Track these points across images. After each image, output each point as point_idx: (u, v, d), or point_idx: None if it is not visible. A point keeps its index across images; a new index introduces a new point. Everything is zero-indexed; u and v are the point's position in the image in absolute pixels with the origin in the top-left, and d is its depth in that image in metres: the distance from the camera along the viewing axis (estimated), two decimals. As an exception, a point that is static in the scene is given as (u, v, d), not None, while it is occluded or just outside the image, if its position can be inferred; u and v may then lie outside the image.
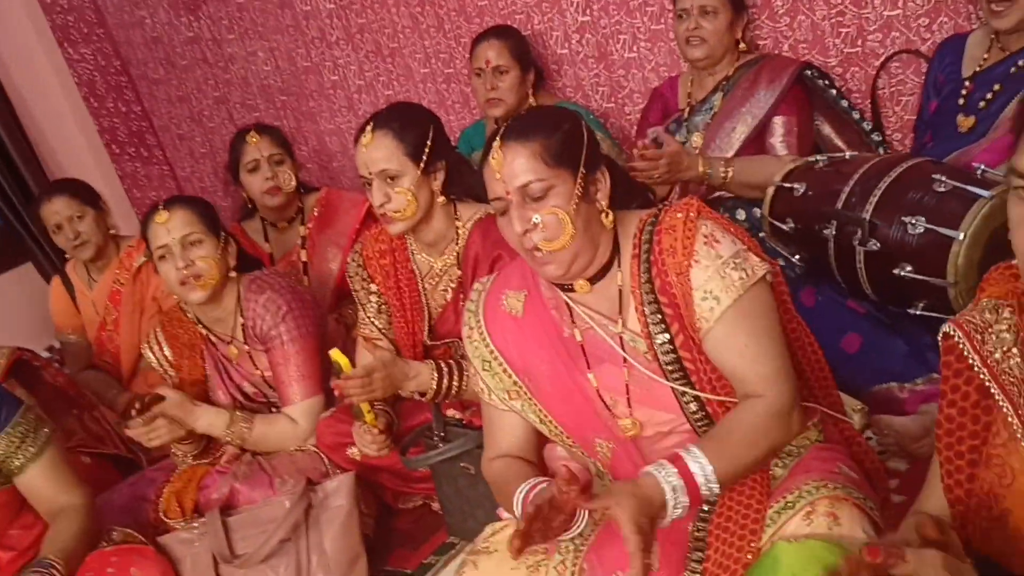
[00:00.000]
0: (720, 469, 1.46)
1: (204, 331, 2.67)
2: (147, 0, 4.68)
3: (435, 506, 2.56)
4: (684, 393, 1.62)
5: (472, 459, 2.25)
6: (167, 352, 2.72)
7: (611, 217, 1.65)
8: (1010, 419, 1.16)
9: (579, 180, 1.59)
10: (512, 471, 1.73)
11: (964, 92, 2.57)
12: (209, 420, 2.53)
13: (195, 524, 2.37)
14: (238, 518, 2.34)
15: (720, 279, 1.56)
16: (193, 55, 4.70)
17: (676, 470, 1.44)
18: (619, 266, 1.67)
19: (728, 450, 1.49)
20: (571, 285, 1.67)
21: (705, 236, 1.59)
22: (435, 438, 2.33)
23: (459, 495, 2.34)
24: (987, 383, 1.19)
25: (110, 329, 3.46)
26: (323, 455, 2.54)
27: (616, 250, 1.67)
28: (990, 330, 1.20)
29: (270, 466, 2.51)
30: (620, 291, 1.66)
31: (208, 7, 4.49)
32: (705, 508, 1.56)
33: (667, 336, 1.61)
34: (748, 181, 2.71)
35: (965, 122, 2.54)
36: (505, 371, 1.75)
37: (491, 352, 1.76)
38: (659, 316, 1.61)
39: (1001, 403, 1.17)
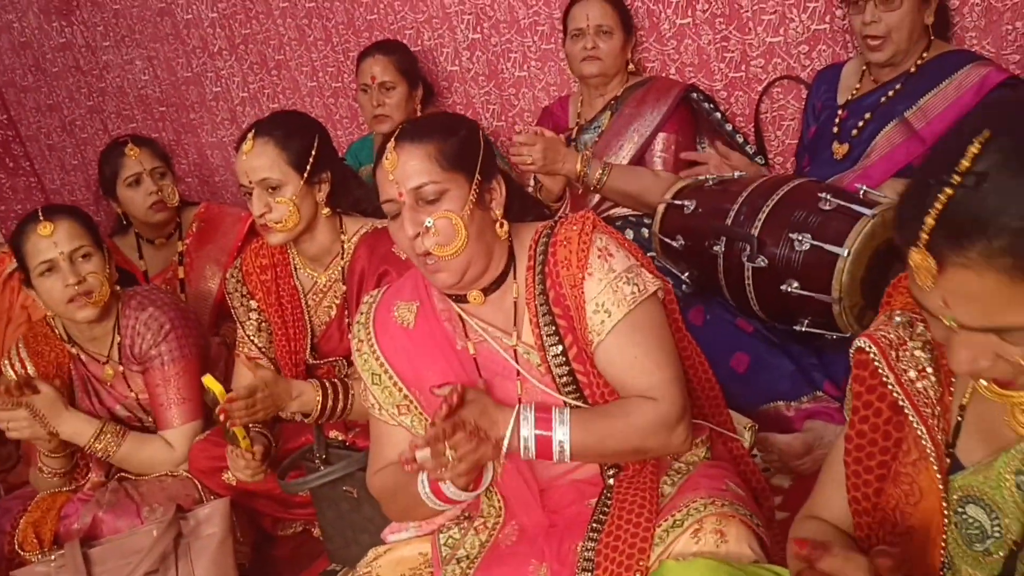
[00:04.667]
0: (579, 443, 1.51)
1: (75, 350, 2.50)
2: (15, 3, 4.45)
3: (316, 532, 2.47)
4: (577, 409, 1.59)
5: (355, 482, 2.17)
6: (30, 369, 2.54)
7: (506, 227, 1.62)
8: (923, 441, 1.14)
9: (474, 186, 1.56)
10: (404, 471, 1.66)
11: (838, 120, 2.66)
12: (77, 427, 2.38)
13: (53, 556, 2.20)
14: (101, 549, 2.19)
15: (612, 292, 1.56)
16: (65, 62, 4.49)
17: (537, 427, 1.50)
18: (514, 278, 1.64)
19: (598, 431, 1.52)
20: (464, 296, 1.64)
21: (599, 250, 1.59)
22: (316, 461, 2.24)
23: (341, 520, 2.25)
24: (901, 402, 1.16)
25: (-29, 338, 3.22)
26: (196, 480, 2.42)
27: (511, 262, 1.65)
28: (904, 347, 1.18)
29: (138, 493, 2.37)
30: (515, 303, 1.64)
31: (82, 12, 4.30)
32: (595, 527, 1.54)
33: (560, 348, 1.59)
34: (622, 188, 2.75)
35: (839, 149, 2.63)
36: (395, 384, 1.69)
37: (381, 365, 1.70)
38: (553, 328, 1.60)
39: (915, 424, 1.15)
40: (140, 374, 2.47)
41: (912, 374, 1.16)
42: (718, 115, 2.94)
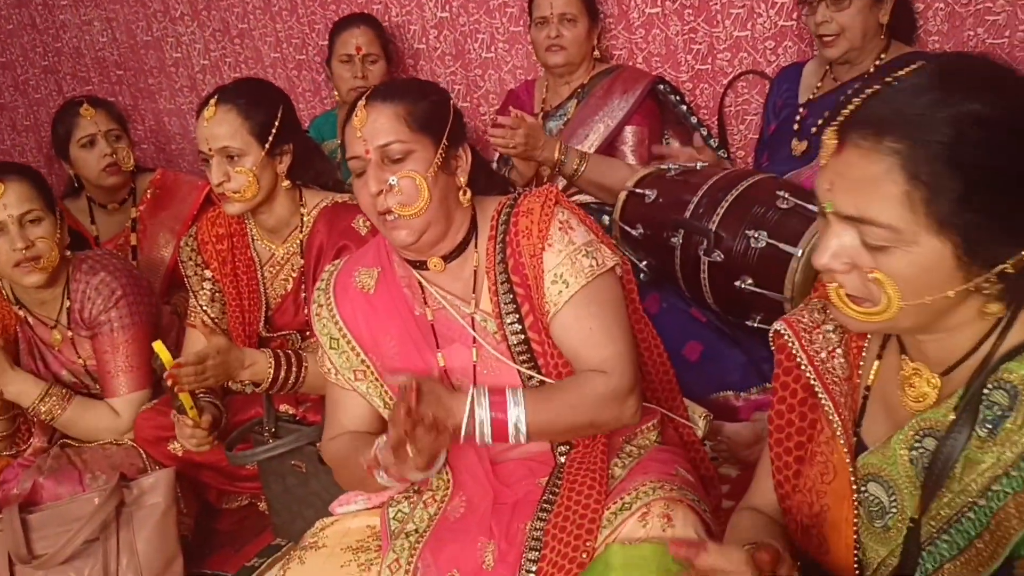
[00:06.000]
0: (535, 422, 1.51)
1: (23, 313, 2.45)
2: (-31, -45, 4.33)
3: (262, 506, 2.45)
4: (530, 377, 1.62)
5: (304, 457, 2.15)
6: (-27, 329, 2.49)
7: (469, 195, 1.64)
8: (831, 417, 1.20)
9: (440, 150, 1.58)
10: (359, 439, 1.68)
11: (799, 118, 2.69)
12: (22, 387, 2.35)
13: (-10, 521, 2.17)
14: (40, 515, 2.15)
15: (571, 264, 1.58)
16: (20, 19, 4.37)
17: (492, 410, 1.49)
18: (475, 247, 1.66)
19: (552, 407, 1.53)
20: (425, 263, 1.65)
21: (561, 222, 1.61)
22: (265, 434, 2.22)
23: (288, 494, 2.23)
24: (812, 382, 1.22)
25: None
26: (141, 450, 2.38)
27: (473, 231, 1.67)
28: (818, 330, 1.24)
29: (80, 460, 2.33)
30: (475, 272, 1.66)
31: (40, -32, 4.20)
32: (545, 507, 1.55)
33: (517, 316, 1.61)
34: (598, 180, 2.75)
35: (799, 146, 2.66)
36: (352, 349, 1.70)
37: (339, 328, 1.71)
38: (511, 296, 1.62)
39: (824, 401, 1.21)
40: (88, 340, 2.42)
41: (823, 354, 1.23)
42: (684, 108, 2.96)
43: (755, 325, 2.35)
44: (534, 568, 1.47)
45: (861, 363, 1.22)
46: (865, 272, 1.03)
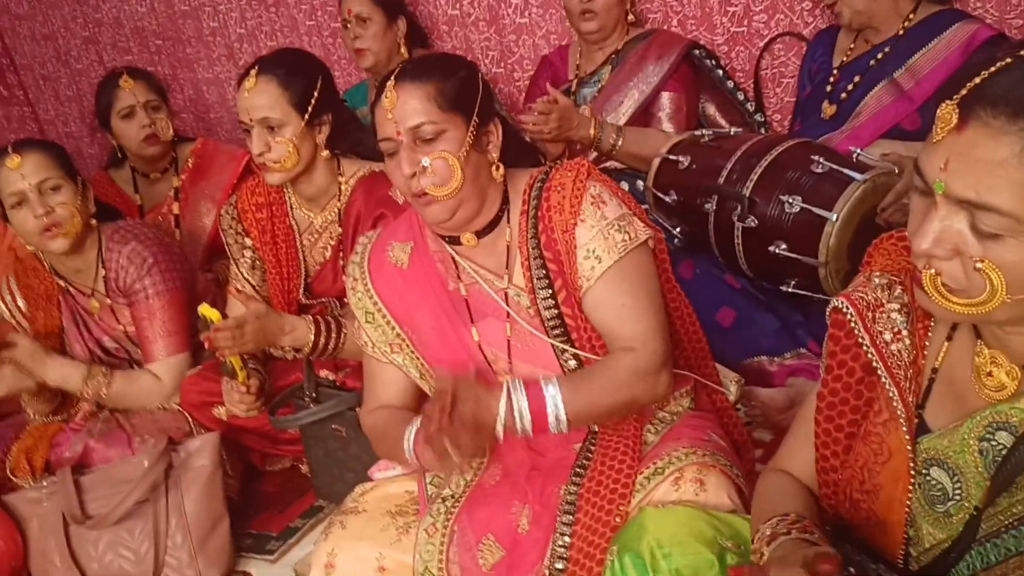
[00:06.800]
0: (572, 409, 1.52)
1: (62, 283, 2.52)
2: (11, -72, 4.38)
3: (303, 468, 2.50)
4: (564, 351, 1.63)
5: (344, 421, 2.20)
6: (20, 303, 2.58)
7: (501, 171, 1.65)
8: (895, 403, 1.15)
9: (472, 128, 1.58)
10: (396, 416, 1.71)
11: (832, 81, 2.66)
12: (63, 373, 2.40)
13: (44, 483, 2.25)
14: (92, 477, 2.23)
15: (604, 239, 1.58)
16: (61, -10, 4.42)
17: (528, 401, 1.50)
18: (508, 222, 1.67)
19: (586, 392, 1.54)
20: (458, 238, 1.66)
21: (593, 196, 1.61)
22: (306, 399, 2.26)
23: (329, 458, 2.28)
24: (875, 364, 1.17)
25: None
26: (187, 414, 2.44)
27: (505, 205, 1.67)
28: (881, 309, 1.18)
29: (129, 424, 2.40)
30: (508, 247, 1.66)
31: (79, -61, 4.23)
32: (578, 472, 1.58)
33: (550, 291, 1.62)
34: (636, 152, 2.73)
35: (828, 109, 2.64)
36: (388, 323, 1.73)
37: (374, 303, 1.74)
38: (543, 271, 1.62)
39: (888, 386, 1.16)
40: (126, 307, 2.49)
41: (887, 336, 1.17)
42: (719, 72, 2.93)
43: (789, 290, 2.36)
44: (568, 531, 1.50)
45: (927, 343, 1.17)
46: (971, 260, 0.96)
